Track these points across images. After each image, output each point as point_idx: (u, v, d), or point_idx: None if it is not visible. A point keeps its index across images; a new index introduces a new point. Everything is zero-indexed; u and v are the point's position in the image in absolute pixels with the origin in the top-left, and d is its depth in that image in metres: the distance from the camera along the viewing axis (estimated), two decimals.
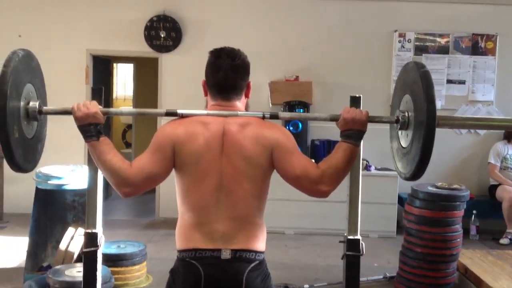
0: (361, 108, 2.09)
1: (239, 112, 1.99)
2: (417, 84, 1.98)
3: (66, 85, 6.58)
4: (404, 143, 2.12)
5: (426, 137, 1.92)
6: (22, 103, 1.99)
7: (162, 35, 6.60)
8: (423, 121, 1.92)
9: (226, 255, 1.90)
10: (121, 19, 6.72)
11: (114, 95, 10.21)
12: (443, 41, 6.73)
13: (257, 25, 6.71)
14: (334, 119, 2.05)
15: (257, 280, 1.92)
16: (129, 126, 9.94)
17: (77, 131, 1.97)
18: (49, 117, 2.22)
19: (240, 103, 2.06)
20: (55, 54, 6.58)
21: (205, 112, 1.99)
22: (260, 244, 1.97)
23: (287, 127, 6.34)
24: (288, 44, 6.72)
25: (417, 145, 1.96)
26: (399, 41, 6.71)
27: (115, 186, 1.91)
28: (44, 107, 2.11)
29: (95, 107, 1.97)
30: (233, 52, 2.02)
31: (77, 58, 6.70)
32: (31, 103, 2.04)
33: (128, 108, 9.73)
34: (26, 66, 2.02)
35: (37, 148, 2.16)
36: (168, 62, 6.73)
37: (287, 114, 2.20)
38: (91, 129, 1.94)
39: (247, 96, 2.10)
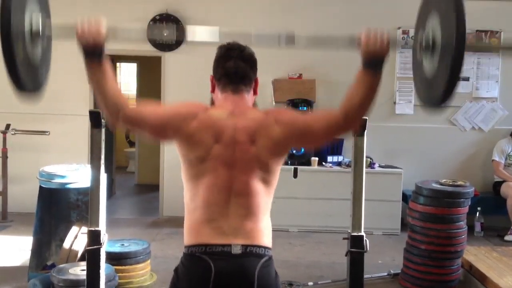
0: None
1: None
2: (445, 2, 1.83)
3: (69, 85, 6.60)
4: (429, 68, 1.95)
5: (455, 59, 1.76)
6: (26, 18, 1.85)
7: (165, 34, 6.60)
8: (452, 40, 1.75)
9: (236, 250, 1.86)
10: (124, 18, 6.72)
11: None
12: None
13: (259, 23, 6.69)
14: (353, 44, 1.91)
15: (269, 276, 1.90)
16: None
17: (80, 131, 1.95)
18: (53, 116, 2.19)
19: (248, 97, 2.04)
20: (57, 54, 6.50)
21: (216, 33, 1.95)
22: (268, 240, 1.96)
23: None
24: None
25: (445, 68, 1.81)
26: (403, 38, 6.69)
27: (107, 112, 1.88)
28: (47, 21, 1.97)
29: (101, 36, 1.85)
30: (242, 45, 2.04)
31: (80, 57, 6.67)
32: (34, 17, 1.90)
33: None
34: None
35: (43, 70, 2.04)
36: (171, 61, 6.72)
37: (302, 37, 1.99)
38: (94, 54, 1.86)
39: (255, 92, 2.09)
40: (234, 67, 1.99)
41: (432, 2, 1.95)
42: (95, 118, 2.64)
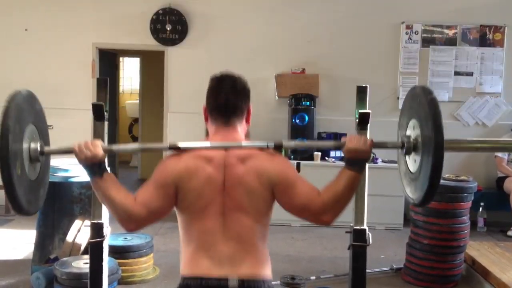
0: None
1: (243, 143, 1.96)
2: (424, 111, 1.96)
3: (72, 79, 6.61)
4: (412, 168, 2.09)
5: (434, 167, 1.89)
6: (24, 143, 1.95)
7: (168, 28, 6.59)
8: (431, 149, 1.89)
9: (233, 284, 1.85)
10: (127, 13, 6.72)
11: (121, 89, 10.22)
12: (450, 32, 6.68)
13: (263, 18, 6.69)
14: (338, 146, 2.04)
15: None
16: (136, 120, 9.95)
17: (83, 124, 1.96)
18: (56, 110, 2.20)
19: (241, 128, 2.03)
20: (61, 48, 6.59)
21: (207, 144, 1.97)
22: (267, 271, 1.95)
23: (294, 120, 6.34)
24: (294, 37, 6.69)
25: (426, 173, 1.93)
26: (406, 33, 6.67)
27: (119, 222, 1.90)
28: (46, 147, 2.08)
29: (97, 149, 1.94)
30: (234, 76, 2.04)
31: (83, 52, 6.70)
32: (32, 144, 2.01)
33: (132, 144, 10.35)
34: (29, 107, 2.01)
35: (39, 192, 2.11)
36: (174, 56, 6.72)
37: (291, 143, 2.12)
38: (93, 168, 1.93)
39: (247, 121, 2.08)
40: (225, 100, 1.98)
41: (412, 110, 2.10)
42: (97, 111, 2.65)
